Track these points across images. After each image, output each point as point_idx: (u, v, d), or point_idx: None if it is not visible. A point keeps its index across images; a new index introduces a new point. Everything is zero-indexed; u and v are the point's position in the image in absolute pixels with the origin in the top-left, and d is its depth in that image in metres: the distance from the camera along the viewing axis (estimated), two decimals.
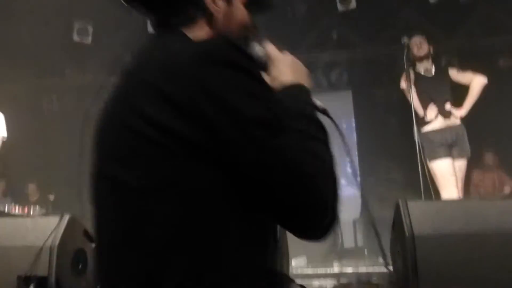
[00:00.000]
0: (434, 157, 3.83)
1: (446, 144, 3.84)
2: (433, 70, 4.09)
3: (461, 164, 3.80)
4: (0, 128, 4.43)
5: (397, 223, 2.30)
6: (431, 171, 3.84)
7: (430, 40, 4.13)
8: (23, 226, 2.65)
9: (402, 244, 2.17)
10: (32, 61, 7.92)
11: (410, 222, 2.14)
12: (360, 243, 7.37)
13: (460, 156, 3.80)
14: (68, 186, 7.78)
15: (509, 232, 2.10)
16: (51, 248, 2.46)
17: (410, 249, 2.11)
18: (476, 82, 3.97)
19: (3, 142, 4.42)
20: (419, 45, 4.05)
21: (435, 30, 7.19)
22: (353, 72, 7.82)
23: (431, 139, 3.88)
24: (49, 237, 2.47)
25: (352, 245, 7.30)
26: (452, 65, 4.34)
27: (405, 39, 3.91)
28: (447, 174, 3.75)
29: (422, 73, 4.08)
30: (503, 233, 2.11)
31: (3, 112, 4.66)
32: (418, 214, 2.17)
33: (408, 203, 2.24)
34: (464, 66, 7.26)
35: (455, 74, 4.11)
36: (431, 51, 4.11)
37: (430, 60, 4.09)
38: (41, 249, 2.45)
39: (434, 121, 3.91)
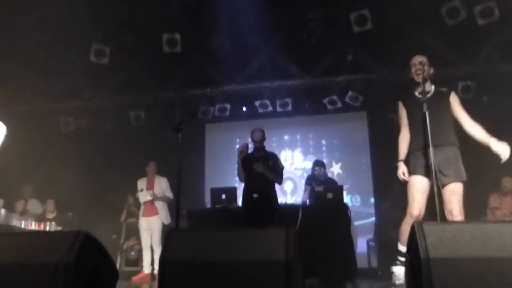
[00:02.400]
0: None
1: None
2: (431, 92, 3.93)
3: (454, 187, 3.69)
4: None
5: (412, 246, 2.28)
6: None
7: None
8: (39, 242, 2.67)
9: (418, 267, 2.14)
10: (50, 83, 8.08)
11: (426, 245, 2.12)
12: (373, 264, 7.30)
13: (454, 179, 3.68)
14: (85, 205, 7.89)
15: None
16: (66, 265, 2.47)
17: (425, 272, 2.08)
18: (478, 129, 3.80)
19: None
20: (420, 66, 3.93)
21: (452, 53, 7.18)
22: (369, 94, 7.82)
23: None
24: (64, 253, 2.49)
25: (365, 265, 7.24)
26: (455, 91, 4.18)
27: (422, 61, 3.85)
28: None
29: (418, 96, 3.94)
30: None
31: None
32: (434, 237, 2.15)
33: (424, 225, 2.22)
34: (481, 89, 7.29)
35: (456, 104, 3.94)
36: (431, 72, 3.99)
37: (429, 83, 3.97)
38: (57, 266, 2.47)
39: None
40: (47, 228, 6.64)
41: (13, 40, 7.14)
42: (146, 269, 6.77)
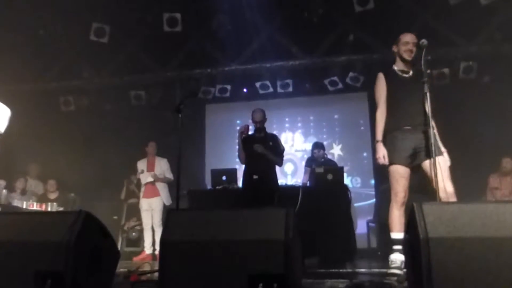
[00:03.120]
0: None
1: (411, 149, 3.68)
2: (411, 72, 3.83)
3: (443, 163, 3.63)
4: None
5: (411, 226, 2.29)
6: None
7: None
8: (41, 222, 2.69)
9: (416, 247, 2.15)
10: (50, 62, 8.04)
11: (425, 225, 2.13)
12: (373, 244, 7.36)
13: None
14: (86, 185, 7.93)
15: None
16: (68, 244, 2.48)
17: (424, 251, 2.09)
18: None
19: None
20: (412, 45, 3.84)
21: (454, 33, 7.12)
22: (370, 75, 7.77)
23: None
24: (66, 233, 2.50)
25: (365, 246, 7.30)
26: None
27: (423, 42, 3.75)
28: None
29: (404, 75, 3.83)
30: None
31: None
32: (433, 216, 2.16)
33: (423, 205, 2.22)
34: (483, 69, 7.25)
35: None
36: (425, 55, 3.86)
37: (414, 62, 3.86)
38: (58, 245, 2.48)
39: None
40: (49, 209, 6.68)
41: (12, 18, 7.08)
42: (147, 250, 6.83)
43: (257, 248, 2.24)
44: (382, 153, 3.78)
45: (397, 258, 3.62)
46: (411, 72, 3.87)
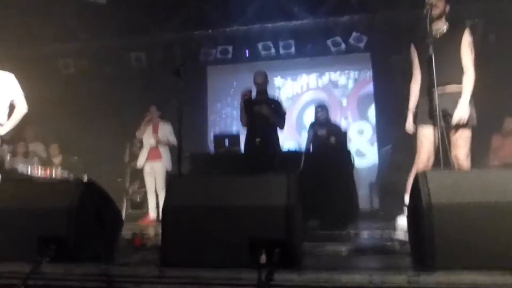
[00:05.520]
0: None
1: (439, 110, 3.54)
2: (445, 29, 3.75)
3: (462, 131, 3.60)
4: (17, 98, 4.36)
5: (414, 193, 2.28)
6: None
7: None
8: (43, 189, 2.70)
9: (420, 212, 2.15)
10: (47, 25, 7.89)
11: (428, 191, 2.12)
12: (375, 205, 7.42)
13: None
14: (89, 149, 7.94)
15: None
16: (70, 210, 2.50)
17: (427, 217, 2.10)
18: (468, 80, 3.63)
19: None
20: (434, 3, 3.77)
21: None
22: (373, 35, 7.63)
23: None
24: (68, 199, 2.52)
25: (367, 207, 7.35)
26: (473, 29, 3.98)
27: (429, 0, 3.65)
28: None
29: (432, 34, 3.77)
30: None
31: (18, 76, 4.63)
32: (436, 183, 2.14)
33: (427, 173, 2.21)
34: (488, 28, 7.09)
35: (465, 44, 3.70)
36: (447, 10, 3.79)
37: (443, 20, 3.80)
38: (60, 211, 2.50)
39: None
40: (53, 173, 6.69)
41: None
42: (152, 212, 6.89)
43: (258, 213, 2.25)
44: (409, 124, 3.89)
45: (403, 223, 3.62)
46: (444, 28, 3.77)
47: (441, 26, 3.77)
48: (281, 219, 2.21)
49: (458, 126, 3.56)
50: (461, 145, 3.57)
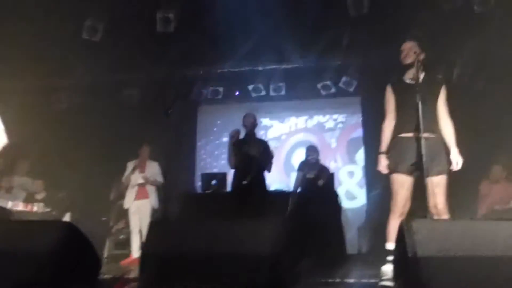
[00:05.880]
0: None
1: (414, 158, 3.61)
2: (421, 78, 3.78)
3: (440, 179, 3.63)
4: None
5: (400, 244, 2.23)
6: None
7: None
8: (22, 231, 2.61)
9: (405, 265, 2.10)
10: (42, 59, 7.91)
11: (414, 243, 2.07)
12: (364, 250, 7.33)
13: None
14: (76, 185, 7.82)
15: None
16: (49, 254, 2.42)
17: (413, 270, 2.04)
18: (452, 129, 3.76)
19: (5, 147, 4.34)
20: (407, 51, 3.90)
21: (448, 39, 7.09)
22: (363, 79, 7.74)
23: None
24: (47, 243, 2.44)
25: (356, 251, 7.26)
26: (449, 81, 4.10)
27: (419, 54, 3.77)
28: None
29: (407, 82, 3.86)
30: (511, 257, 2.04)
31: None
32: (422, 234, 2.10)
33: (412, 222, 2.17)
34: (477, 75, 7.24)
35: (442, 97, 3.84)
36: (421, 58, 3.86)
37: (417, 68, 3.87)
38: (39, 255, 2.42)
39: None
40: (35, 209, 6.56)
41: (3, 16, 6.96)
42: (135, 253, 6.73)
43: (244, 261, 2.18)
44: (383, 164, 3.80)
45: (389, 270, 3.56)
46: (420, 79, 3.82)
47: (416, 74, 3.82)
48: (266, 268, 2.14)
49: (435, 174, 3.56)
50: (439, 192, 3.58)
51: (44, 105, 8.38)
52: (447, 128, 3.78)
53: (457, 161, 3.67)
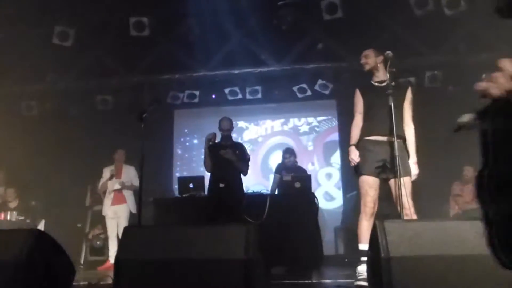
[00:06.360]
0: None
1: (380, 160, 3.77)
2: (387, 81, 3.93)
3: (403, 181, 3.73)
4: None
5: (373, 244, 2.26)
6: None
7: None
8: None
9: (379, 265, 2.13)
10: (12, 66, 7.76)
11: (387, 244, 2.10)
12: (340, 250, 7.39)
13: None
14: (49, 192, 7.68)
15: (487, 254, 2.07)
16: (18, 263, 2.37)
17: (386, 270, 2.07)
18: (413, 134, 3.93)
19: None
20: (364, 59, 4.05)
21: (420, 43, 7.22)
22: (338, 82, 7.82)
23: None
24: (16, 252, 2.39)
25: (333, 252, 7.31)
26: (412, 87, 4.26)
27: (388, 54, 3.87)
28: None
29: (375, 85, 4.02)
30: (480, 256, 2.08)
31: None
32: (394, 235, 2.14)
33: (385, 223, 2.20)
34: (448, 79, 7.39)
35: (408, 101, 4.00)
36: (380, 61, 3.99)
37: (381, 72, 4.00)
38: (8, 264, 2.37)
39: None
40: (8, 218, 6.44)
41: None
42: (112, 259, 6.65)
43: (216, 267, 2.18)
44: (353, 154, 3.93)
45: (364, 270, 3.61)
46: (386, 82, 3.92)
47: (381, 78, 3.97)
48: (239, 273, 2.14)
49: (402, 175, 3.65)
50: (408, 193, 3.67)
51: (14, 112, 8.21)
52: (409, 132, 3.94)
53: (414, 172, 3.83)
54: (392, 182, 3.74)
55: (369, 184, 3.78)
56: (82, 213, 7.89)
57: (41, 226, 6.74)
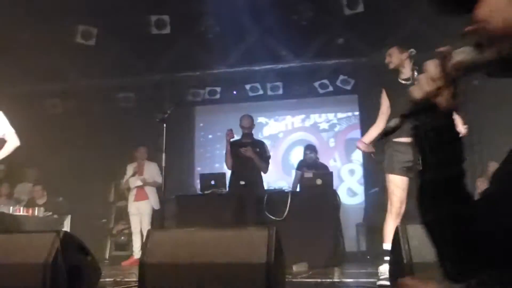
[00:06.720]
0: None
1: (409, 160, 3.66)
2: (415, 78, 3.82)
3: None
4: (8, 133, 4.42)
5: (395, 249, 2.25)
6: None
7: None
8: (18, 242, 2.63)
9: (401, 270, 2.12)
10: (36, 64, 7.90)
11: (409, 248, 2.09)
12: (362, 247, 7.36)
13: None
14: (75, 189, 7.84)
15: None
16: (46, 265, 2.43)
17: (408, 275, 2.06)
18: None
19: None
20: (388, 58, 3.96)
21: (442, 36, 7.09)
22: (360, 78, 7.75)
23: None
24: (44, 254, 2.45)
25: (354, 249, 7.29)
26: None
27: (412, 52, 3.81)
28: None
29: (403, 82, 3.93)
30: None
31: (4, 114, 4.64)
32: (417, 240, 2.12)
33: (408, 227, 2.19)
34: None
35: None
36: (405, 58, 3.88)
37: (407, 69, 3.90)
38: (36, 266, 2.43)
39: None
40: (36, 213, 6.57)
41: None
42: (136, 254, 6.76)
43: (238, 270, 2.20)
44: (362, 145, 4.02)
45: (387, 270, 3.58)
46: (411, 77, 3.88)
47: (408, 75, 3.88)
48: (261, 276, 2.16)
49: None
50: None
51: (39, 110, 8.38)
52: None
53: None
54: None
55: (396, 183, 3.73)
56: (106, 209, 8.04)
57: (67, 222, 6.88)
